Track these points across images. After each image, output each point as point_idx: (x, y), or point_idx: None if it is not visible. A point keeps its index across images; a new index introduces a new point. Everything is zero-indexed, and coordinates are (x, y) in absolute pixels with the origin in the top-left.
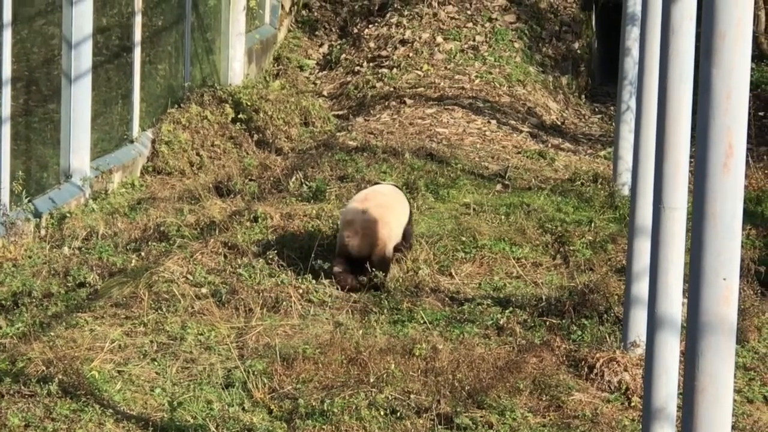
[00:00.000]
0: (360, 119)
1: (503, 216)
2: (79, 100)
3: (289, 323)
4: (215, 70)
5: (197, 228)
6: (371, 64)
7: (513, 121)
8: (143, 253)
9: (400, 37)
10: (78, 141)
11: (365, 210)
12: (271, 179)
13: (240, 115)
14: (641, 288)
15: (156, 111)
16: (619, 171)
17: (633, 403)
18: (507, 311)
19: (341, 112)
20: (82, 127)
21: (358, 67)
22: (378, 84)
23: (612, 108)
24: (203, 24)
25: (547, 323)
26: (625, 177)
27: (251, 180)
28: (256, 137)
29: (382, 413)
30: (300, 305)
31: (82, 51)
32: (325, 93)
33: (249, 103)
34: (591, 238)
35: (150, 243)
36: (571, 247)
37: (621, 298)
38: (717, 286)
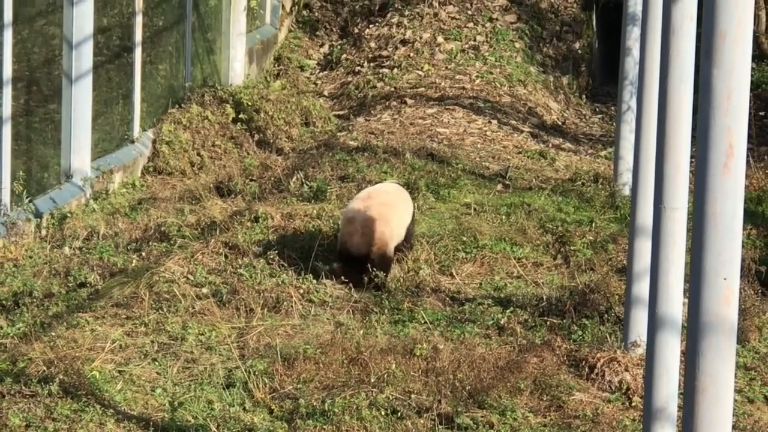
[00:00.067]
0: (361, 119)
1: (504, 216)
2: (80, 100)
3: (290, 323)
4: (216, 70)
5: (198, 228)
6: (372, 64)
7: (514, 121)
8: (144, 253)
9: (400, 37)
10: (79, 141)
11: (367, 208)
12: (272, 179)
13: (241, 115)
14: (642, 288)
15: (157, 111)
16: (620, 171)
17: (634, 403)
18: (508, 311)
19: (342, 112)
20: (82, 127)
21: (358, 67)
22: (379, 84)
23: (613, 108)
24: (204, 24)
25: (548, 323)
26: (626, 177)
27: (252, 180)
28: (256, 137)
29: (382, 413)
30: (301, 305)
31: (82, 51)
32: (326, 93)
33: (250, 103)
34: (592, 238)
35: (151, 243)
36: (572, 247)
37: (622, 298)
38: (718, 286)
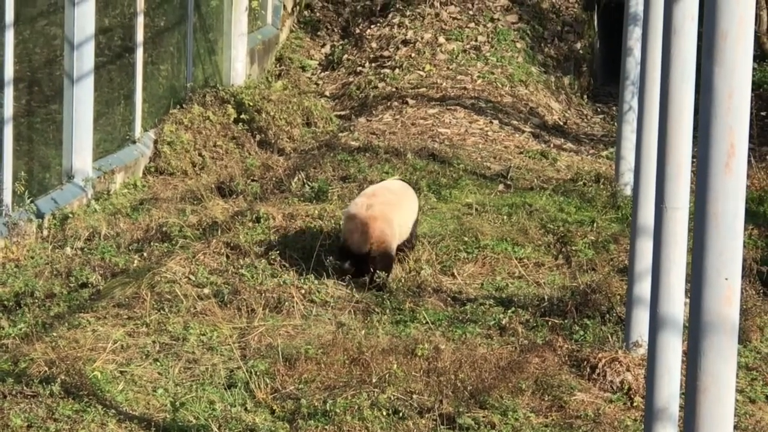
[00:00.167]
0: (362, 119)
1: (505, 216)
2: (82, 100)
3: (292, 323)
4: (217, 70)
5: (199, 228)
6: (373, 64)
7: (515, 122)
8: (145, 254)
9: (402, 38)
10: (80, 141)
11: (369, 206)
12: (274, 180)
13: (242, 116)
14: (643, 288)
15: (158, 111)
16: (621, 171)
17: (635, 403)
18: (509, 311)
19: (343, 112)
20: (84, 128)
21: (360, 68)
22: (380, 84)
23: (614, 108)
24: (205, 24)
25: (550, 323)
26: (628, 177)
27: (253, 180)
28: (258, 138)
29: (384, 413)
30: (302, 305)
31: (84, 51)
32: (327, 93)
33: (251, 104)
34: (593, 238)
35: (152, 243)
36: (574, 247)
37: (623, 298)
38: (719, 285)
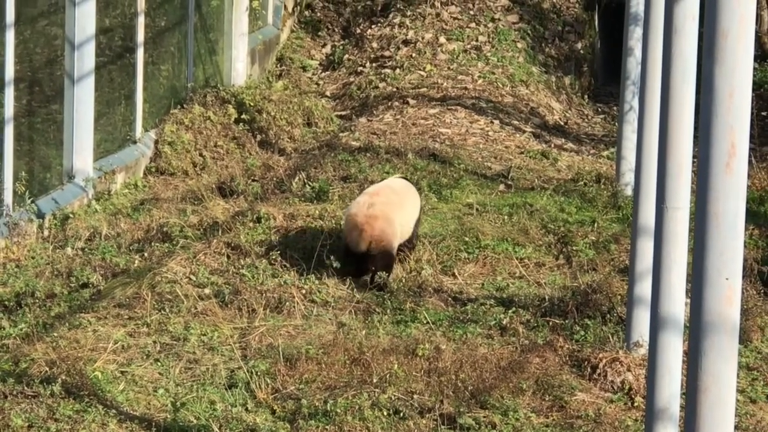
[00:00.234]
0: (363, 119)
1: (506, 216)
2: (82, 100)
3: (292, 324)
4: (218, 70)
5: (200, 228)
6: (374, 64)
7: (516, 122)
8: (146, 254)
9: (402, 38)
10: (81, 142)
11: (371, 205)
12: (274, 180)
13: (243, 116)
14: (644, 288)
15: (159, 112)
16: (622, 171)
17: (636, 403)
18: (510, 311)
19: (344, 112)
20: (85, 128)
21: (361, 68)
22: (381, 84)
23: (615, 108)
24: (206, 24)
25: (550, 323)
26: (628, 177)
27: (254, 180)
28: (259, 138)
29: (385, 413)
30: (303, 306)
31: (84, 52)
32: (328, 93)
33: (252, 104)
34: (594, 238)
35: (153, 243)
36: (574, 248)
37: (624, 298)
38: (720, 285)
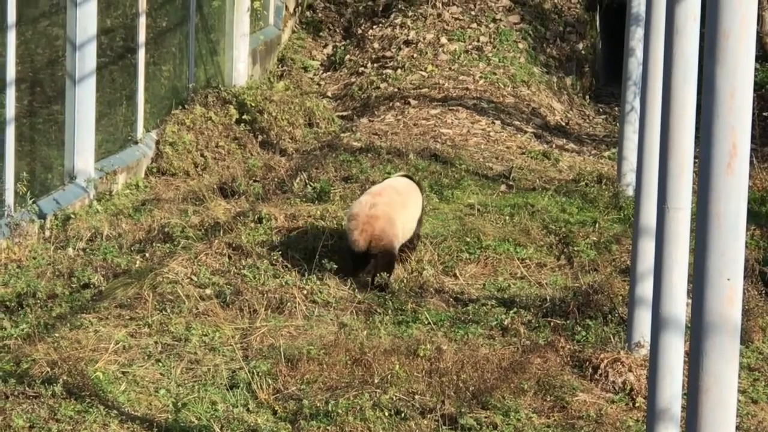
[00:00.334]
0: (364, 120)
1: (507, 217)
2: (84, 101)
3: (294, 324)
4: (219, 71)
5: (201, 229)
6: (375, 64)
7: (517, 122)
8: (147, 254)
9: (404, 38)
10: (82, 142)
11: (373, 205)
12: (276, 180)
13: (244, 116)
14: (646, 288)
15: (160, 112)
16: (624, 171)
17: (637, 404)
18: (511, 312)
19: (345, 113)
20: (86, 129)
21: (362, 68)
22: (382, 85)
23: (616, 108)
24: (207, 25)
25: (552, 324)
26: (630, 177)
27: (255, 181)
28: (260, 138)
29: (386, 414)
30: (304, 306)
31: (86, 52)
32: (330, 94)
33: (253, 104)
34: (595, 238)
35: (154, 244)
36: (576, 248)
37: (625, 298)
38: (721, 286)
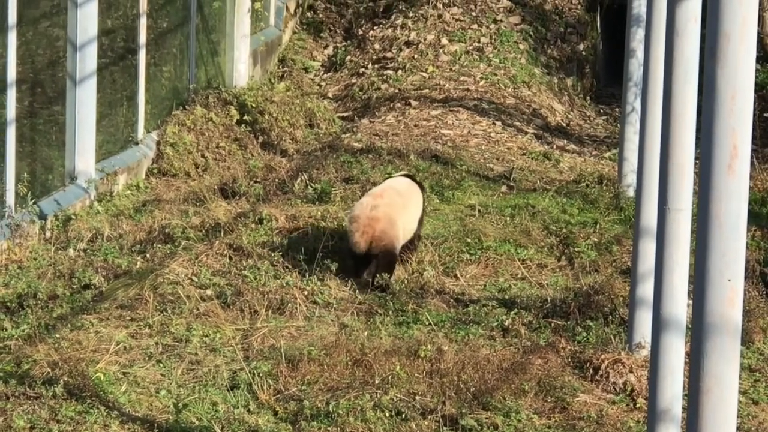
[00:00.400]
0: (365, 121)
1: (508, 217)
2: (84, 102)
3: (294, 325)
4: (220, 71)
5: (202, 230)
6: (376, 65)
7: (518, 123)
8: (148, 255)
9: (405, 39)
10: (83, 143)
11: (374, 207)
12: (276, 181)
13: (245, 117)
14: (646, 289)
15: (161, 113)
16: (624, 172)
17: (638, 405)
18: (512, 313)
19: (346, 113)
20: (87, 129)
21: (363, 69)
22: (383, 86)
23: (617, 109)
24: (208, 26)
25: (552, 325)
26: (630, 178)
27: (256, 182)
28: (261, 139)
29: (387, 415)
30: (305, 307)
31: (87, 53)
32: (330, 95)
33: (254, 105)
34: (596, 239)
35: (155, 245)
36: (576, 249)
37: (626, 299)
38: (722, 287)
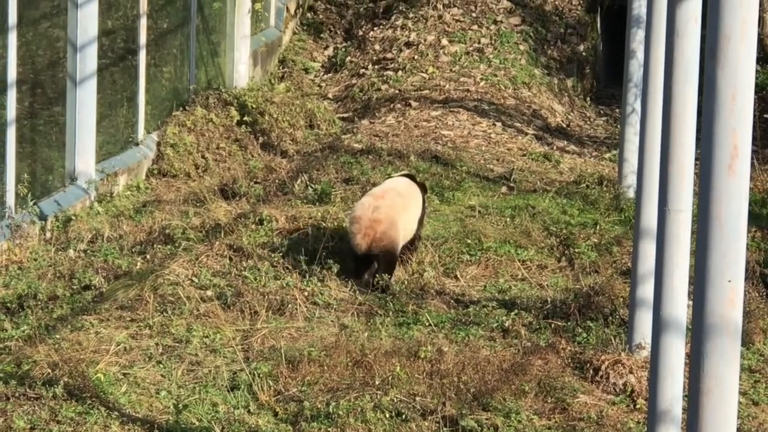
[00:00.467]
0: (365, 122)
1: (508, 218)
2: (85, 102)
3: (295, 326)
4: (220, 72)
5: (202, 231)
6: (376, 66)
7: (518, 124)
8: (148, 256)
9: (405, 40)
10: (83, 144)
11: (375, 208)
12: (277, 182)
13: (245, 118)
14: (646, 290)
15: (161, 114)
16: (624, 173)
17: (638, 406)
18: (512, 313)
19: (346, 114)
20: (87, 130)
21: (363, 70)
22: (383, 86)
23: (617, 110)
24: (208, 27)
25: (552, 325)
26: (630, 179)
27: (256, 182)
28: (261, 140)
29: (387, 416)
30: (305, 308)
31: (87, 54)
32: (330, 95)
33: (254, 106)
34: (596, 240)
35: (155, 246)
36: (576, 250)
37: (626, 300)
38: (722, 287)
